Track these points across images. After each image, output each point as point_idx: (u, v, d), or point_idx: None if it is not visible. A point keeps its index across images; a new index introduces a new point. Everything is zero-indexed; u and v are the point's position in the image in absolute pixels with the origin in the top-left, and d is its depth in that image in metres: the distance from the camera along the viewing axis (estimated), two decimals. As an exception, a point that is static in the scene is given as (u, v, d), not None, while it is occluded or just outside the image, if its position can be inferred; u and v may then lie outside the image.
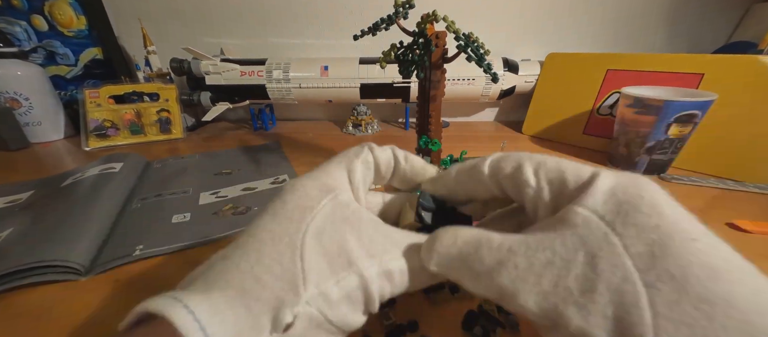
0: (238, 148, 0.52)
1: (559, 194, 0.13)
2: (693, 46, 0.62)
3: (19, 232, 0.28)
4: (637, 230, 0.11)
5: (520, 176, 0.14)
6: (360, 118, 0.61)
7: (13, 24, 0.57)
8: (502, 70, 0.57)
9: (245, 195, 0.36)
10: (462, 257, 0.13)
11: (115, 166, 0.39)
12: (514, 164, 0.14)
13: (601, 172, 0.13)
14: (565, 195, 0.13)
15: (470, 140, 0.57)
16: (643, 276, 0.10)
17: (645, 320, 0.10)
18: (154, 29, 0.61)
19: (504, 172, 0.15)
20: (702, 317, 0.09)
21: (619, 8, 0.60)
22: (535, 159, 0.14)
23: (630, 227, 0.11)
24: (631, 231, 0.11)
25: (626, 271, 0.10)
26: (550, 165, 0.14)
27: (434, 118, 0.34)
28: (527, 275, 0.12)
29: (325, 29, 0.63)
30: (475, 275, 0.13)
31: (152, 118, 0.57)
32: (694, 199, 0.35)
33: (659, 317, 0.09)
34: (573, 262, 0.11)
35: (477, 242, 0.13)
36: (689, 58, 0.43)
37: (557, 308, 0.11)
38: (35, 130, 0.56)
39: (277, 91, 0.58)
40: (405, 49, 0.32)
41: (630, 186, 0.12)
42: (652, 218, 0.11)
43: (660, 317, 0.09)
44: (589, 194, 0.12)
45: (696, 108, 0.36)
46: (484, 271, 0.13)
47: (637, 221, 0.11)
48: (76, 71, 0.63)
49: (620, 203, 0.11)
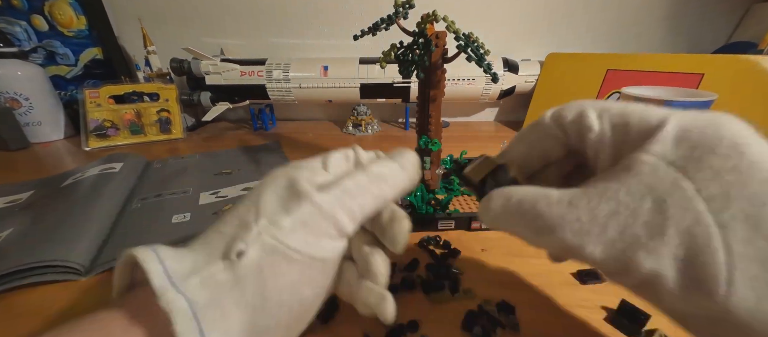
0: (238, 149, 0.52)
1: (622, 140, 0.13)
2: (693, 46, 0.62)
3: (20, 232, 0.28)
4: (712, 172, 0.10)
5: (584, 120, 0.13)
6: (360, 118, 0.61)
7: (13, 24, 0.57)
8: (502, 70, 0.57)
9: (245, 195, 0.36)
10: (520, 213, 0.13)
11: (115, 166, 0.39)
12: (578, 109, 0.14)
13: (672, 114, 0.12)
14: (628, 142, 0.12)
15: (470, 140, 0.57)
16: (717, 217, 0.10)
17: (718, 259, 0.09)
18: (154, 29, 0.61)
19: (567, 118, 0.14)
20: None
21: (619, 8, 0.60)
22: (599, 104, 0.14)
23: (705, 170, 0.10)
24: (707, 174, 0.10)
25: (698, 213, 0.10)
26: (615, 110, 0.13)
27: (434, 118, 0.34)
28: (591, 228, 0.11)
29: (325, 29, 0.63)
30: (535, 231, 0.13)
31: (152, 118, 0.57)
32: (694, 199, 0.35)
33: (733, 255, 0.09)
34: (640, 210, 0.11)
35: (534, 198, 0.13)
36: (689, 58, 0.43)
37: (625, 253, 0.11)
38: (35, 130, 0.56)
39: (277, 91, 0.58)
40: (405, 49, 0.32)
41: (708, 126, 0.11)
42: (731, 158, 0.10)
43: (734, 255, 0.09)
44: (657, 140, 0.11)
45: (696, 108, 0.36)
46: (544, 226, 0.12)
47: (712, 163, 0.10)
48: (76, 71, 0.63)
49: (694, 146, 0.11)
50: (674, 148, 0.11)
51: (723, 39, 0.60)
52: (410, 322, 0.20)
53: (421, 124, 0.35)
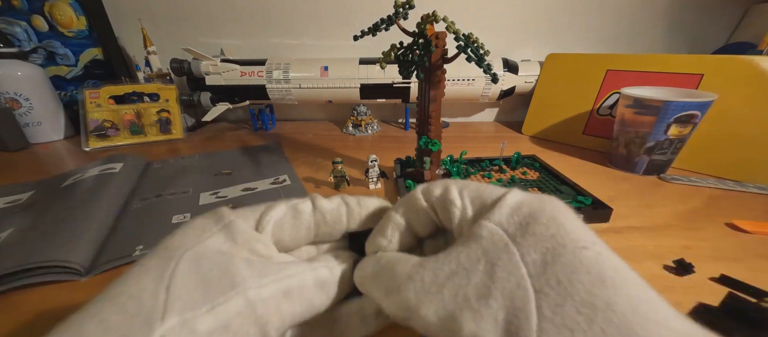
0: (238, 149, 0.52)
1: (479, 213, 0.14)
2: (693, 47, 0.62)
3: (20, 232, 0.28)
4: (534, 239, 0.11)
5: (448, 196, 0.15)
6: (360, 118, 0.61)
7: (13, 24, 0.57)
8: (502, 71, 0.57)
9: (245, 196, 0.36)
10: (378, 273, 0.14)
11: (115, 166, 0.39)
12: (442, 187, 0.15)
13: (511, 190, 0.13)
14: (482, 213, 0.13)
15: (470, 141, 0.57)
16: (534, 282, 0.10)
17: (531, 323, 0.10)
18: (154, 30, 0.61)
19: (434, 194, 0.15)
20: (583, 321, 0.09)
21: (619, 9, 0.60)
22: (460, 183, 0.15)
23: (529, 236, 0.11)
24: (529, 240, 0.11)
25: (520, 277, 0.11)
26: (472, 187, 0.15)
27: (434, 119, 0.34)
28: (431, 287, 0.12)
29: (325, 29, 0.63)
30: (386, 291, 0.13)
31: (152, 118, 0.57)
32: (693, 199, 0.35)
33: (544, 320, 0.10)
34: (474, 271, 0.11)
35: (396, 260, 0.14)
36: (689, 58, 0.43)
37: (454, 315, 0.11)
38: (35, 130, 0.56)
39: (277, 92, 0.58)
40: (405, 49, 0.32)
41: (534, 201, 0.13)
42: (550, 228, 0.11)
43: (544, 320, 0.10)
44: (496, 209, 0.13)
45: (696, 108, 0.36)
46: (394, 286, 0.13)
47: (535, 231, 0.11)
48: (76, 72, 0.63)
49: (524, 216, 0.12)
50: (509, 217, 0.12)
51: (723, 39, 0.61)
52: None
53: (421, 124, 0.35)
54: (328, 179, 0.37)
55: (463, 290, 0.11)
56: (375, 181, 0.37)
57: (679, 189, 0.38)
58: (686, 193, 0.37)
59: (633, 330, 0.09)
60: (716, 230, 0.30)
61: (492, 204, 0.13)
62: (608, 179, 0.41)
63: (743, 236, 0.29)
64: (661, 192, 0.37)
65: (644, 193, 0.37)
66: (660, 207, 0.34)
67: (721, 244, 0.28)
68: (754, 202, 0.35)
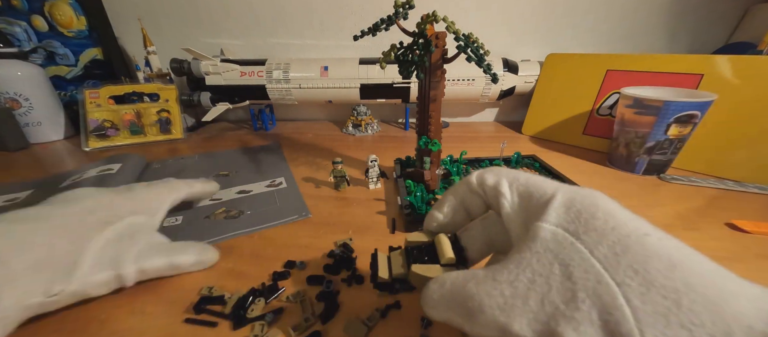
0: (238, 149, 0.52)
1: (526, 207, 0.15)
2: (693, 47, 0.62)
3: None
4: (597, 234, 0.12)
5: (499, 188, 0.16)
6: (360, 118, 0.61)
7: (13, 24, 0.57)
8: (502, 71, 0.57)
9: (239, 198, 0.36)
10: (453, 295, 0.14)
11: (113, 167, 0.39)
12: (495, 178, 0.16)
13: (559, 188, 0.14)
14: (531, 209, 0.14)
15: (470, 141, 0.57)
16: (612, 275, 0.11)
17: (627, 316, 0.10)
18: (154, 30, 0.61)
19: (487, 183, 0.17)
20: (672, 305, 0.10)
21: (619, 9, 0.60)
22: (511, 174, 0.16)
23: (591, 232, 0.12)
24: (593, 236, 0.12)
25: (597, 273, 0.11)
26: (522, 180, 0.16)
27: (434, 119, 0.34)
28: (514, 301, 0.12)
29: (325, 30, 0.63)
30: (468, 313, 0.13)
31: (152, 118, 0.57)
32: (693, 199, 0.35)
33: (637, 310, 0.10)
34: (551, 275, 0.12)
35: (464, 279, 0.14)
36: (689, 58, 0.43)
37: (549, 325, 0.11)
38: (35, 130, 0.56)
39: (277, 92, 0.58)
40: (405, 49, 0.32)
41: (585, 197, 0.13)
42: (608, 222, 0.12)
43: (637, 311, 0.10)
44: (551, 210, 0.13)
45: (695, 108, 0.36)
46: (475, 307, 0.13)
47: (595, 226, 0.12)
48: (76, 72, 0.63)
49: (579, 213, 0.13)
50: (565, 216, 0.13)
51: (723, 39, 0.61)
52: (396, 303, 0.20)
53: (421, 124, 0.35)
54: (328, 179, 0.37)
55: (547, 297, 0.11)
56: (375, 181, 0.37)
57: (679, 189, 0.38)
58: (686, 193, 0.37)
59: (717, 305, 0.09)
60: (716, 230, 0.30)
61: (544, 204, 0.14)
62: (608, 179, 0.41)
63: (743, 236, 0.28)
64: (661, 192, 0.37)
65: (644, 193, 0.37)
66: (660, 207, 0.34)
67: (721, 244, 0.28)
68: (754, 202, 0.35)
